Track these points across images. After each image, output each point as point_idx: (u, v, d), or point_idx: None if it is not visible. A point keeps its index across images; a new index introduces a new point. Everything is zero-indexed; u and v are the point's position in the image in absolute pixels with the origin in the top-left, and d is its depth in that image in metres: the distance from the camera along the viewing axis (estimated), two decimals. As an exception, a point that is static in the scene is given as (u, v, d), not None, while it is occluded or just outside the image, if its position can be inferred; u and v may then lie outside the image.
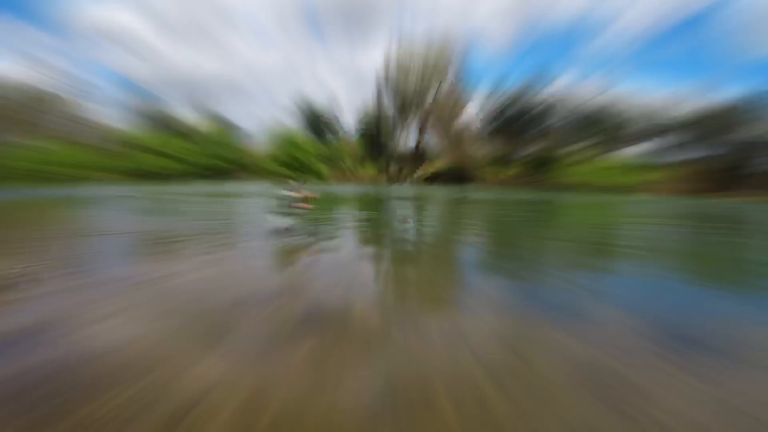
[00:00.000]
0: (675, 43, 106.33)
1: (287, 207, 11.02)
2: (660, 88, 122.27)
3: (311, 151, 51.44)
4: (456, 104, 48.32)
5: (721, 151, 40.10)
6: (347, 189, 36.38)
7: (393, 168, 53.53)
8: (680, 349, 3.98)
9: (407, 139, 58.09)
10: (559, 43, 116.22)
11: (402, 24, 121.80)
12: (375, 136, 55.36)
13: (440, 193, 32.64)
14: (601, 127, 46.08)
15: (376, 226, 14.46)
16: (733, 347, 4.06)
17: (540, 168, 46.50)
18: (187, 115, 60.92)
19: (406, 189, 36.29)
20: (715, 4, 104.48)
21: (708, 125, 42.48)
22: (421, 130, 55.77)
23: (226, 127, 63.18)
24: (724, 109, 41.59)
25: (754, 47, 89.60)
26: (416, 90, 54.13)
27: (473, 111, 52.26)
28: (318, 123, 61.80)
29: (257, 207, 20.22)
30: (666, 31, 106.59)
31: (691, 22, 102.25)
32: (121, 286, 6.42)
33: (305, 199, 12.13)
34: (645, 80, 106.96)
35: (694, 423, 2.93)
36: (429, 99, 53.28)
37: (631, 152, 46.86)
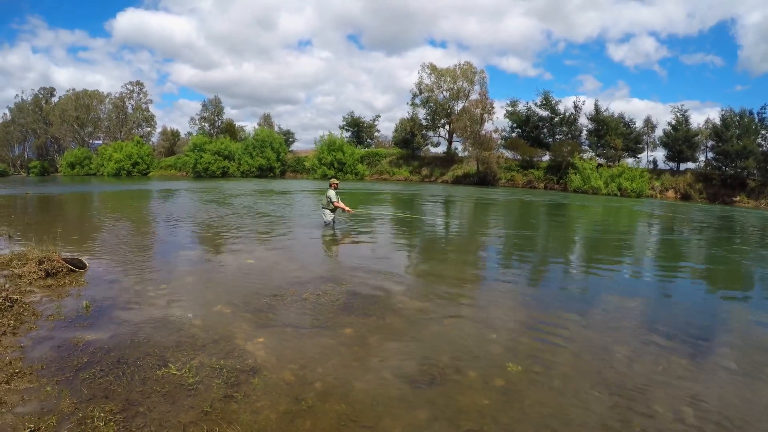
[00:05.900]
0: (688, 54, 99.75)
1: (330, 203, 11.20)
2: (670, 99, 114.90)
3: (352, 153, 51.96)
4: (482, 112, 47.41)
5: (725, 161, 39.07)
6: (384, 187, 36.78)
7: (425, 170, 53.26)
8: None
9: (438, 143, 58.10)
10: (579, 54, 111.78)
11: (435, 36, 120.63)
12: (409, 141, 55.11)
13: (468, 192, 32.33)
14: (614, 136, 44.23)
15: (405, 222, 14.53)
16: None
17: (557, 173, 45.11)
18: (241, 119, 62.54)
19: (436, 189, 36.21)
20: (734, 15, 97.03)
21: (715, 136, 40.37)
22: (450, 136, 55.33)
23: (276, 129, 64.81)
24: (732, 120, 39.33)
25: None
26: (446, 99, 53.62)
27: (497, 119, 51.52)
28: (359, 128, 62.36)
29: (304, 203, 20.68)
30: (682, 43, 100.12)
31: (707, 34, 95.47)
32: (192, 268, 6.80)
33: (344, 199, 12.42)
34: (658, 91, 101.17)
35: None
36: (458, 107, 52.66)
37: (641, 160, 46.71)
